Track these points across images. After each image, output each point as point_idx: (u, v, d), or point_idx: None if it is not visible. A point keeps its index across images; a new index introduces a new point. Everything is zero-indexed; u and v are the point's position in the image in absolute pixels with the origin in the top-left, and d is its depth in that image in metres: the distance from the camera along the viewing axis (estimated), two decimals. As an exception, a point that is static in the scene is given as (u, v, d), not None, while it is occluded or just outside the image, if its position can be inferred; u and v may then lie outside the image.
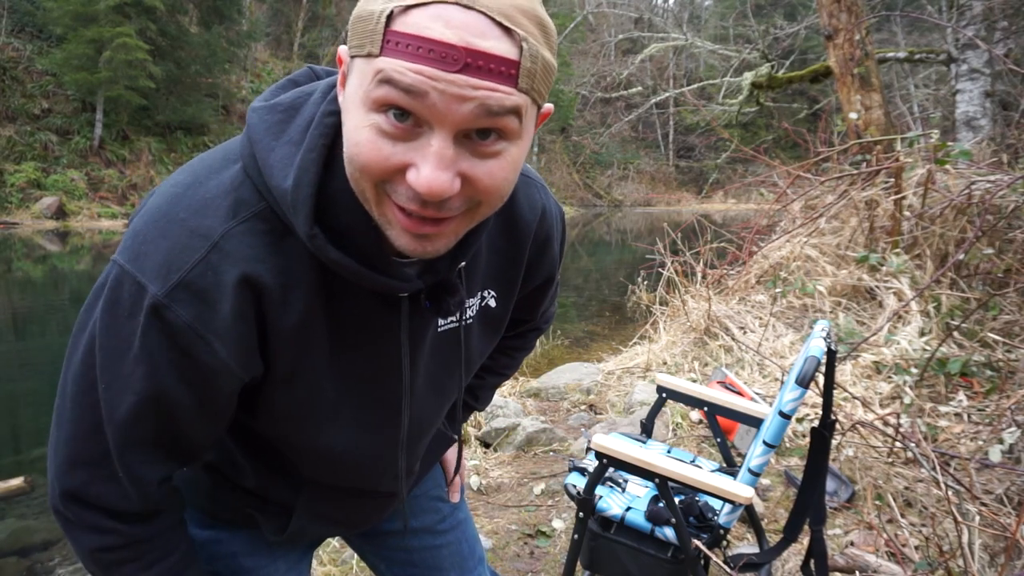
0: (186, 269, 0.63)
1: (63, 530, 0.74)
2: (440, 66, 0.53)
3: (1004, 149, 5.24)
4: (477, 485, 2.79)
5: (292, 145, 0.66)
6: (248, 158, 0.67)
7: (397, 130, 0.57)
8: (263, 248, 0.65)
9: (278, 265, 0.66)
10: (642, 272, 6.03)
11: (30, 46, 18.53)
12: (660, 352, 4.34)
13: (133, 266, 0.64)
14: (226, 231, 0.64)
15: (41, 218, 15.77)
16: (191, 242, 0.64)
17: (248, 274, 0.64)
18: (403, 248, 0.62)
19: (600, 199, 34.30)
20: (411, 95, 0.54)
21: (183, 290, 0.63)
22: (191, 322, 0.64)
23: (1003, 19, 6.27)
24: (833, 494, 2.50)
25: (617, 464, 1.56)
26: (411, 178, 0.57)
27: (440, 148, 0.56)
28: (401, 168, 0.58)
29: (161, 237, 0.64)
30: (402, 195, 0.59)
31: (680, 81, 33.53)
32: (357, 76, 0.58)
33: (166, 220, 0.65)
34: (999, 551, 1.94)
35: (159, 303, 0.63)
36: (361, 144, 0.58)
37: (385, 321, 0.74)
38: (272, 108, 0.69)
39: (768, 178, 6.20)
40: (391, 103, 0.55)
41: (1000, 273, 3.66)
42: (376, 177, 0.59)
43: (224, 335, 0.65)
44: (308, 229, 0.63)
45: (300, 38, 27.43)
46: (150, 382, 0.65)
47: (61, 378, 0.71)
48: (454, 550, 1.10)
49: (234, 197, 0.66)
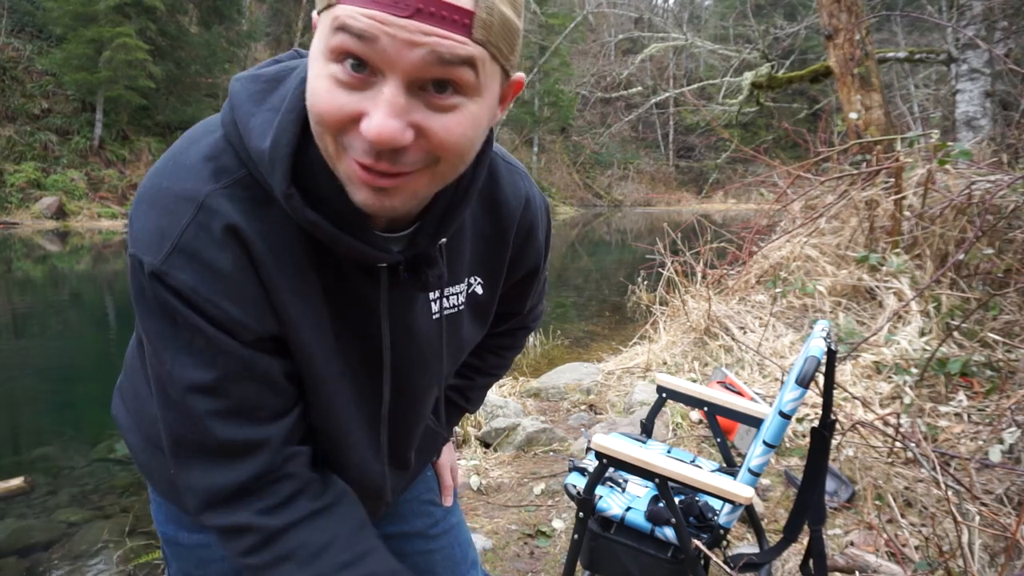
0: (177, 234, 0.63)
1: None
2: (391, 11, 0.54)
3: (1004, 149, 5.25)
4: (477, 485, 2.79)
5: (273, 111, 0.66)
6: (229, 125, 0.67)
7: (353, 79, 0.57)
8: (246, 213, 0.66)
9: (261, 230, 0.66)
10: (642, 272, 6.03)
11: (30, 46, 18.54)
12: (660, 352, 4.34)
13: (134, 247, 0.65)
14: (210, 191, 0.65)
15: (41, 218, 15.77)
16: (177, 207, 0.64)
17: (235, 224, 0.65)
18: (362, 203, 0.62)
19: (600, 199, 34.30)
20: (363, 40, 0.54)
21: (178, 255, 0.63)
22: (194, 285, 0.64)
23: (1003, 19, 6.27)
24: (833, 494, 2.50)
25: (617, 464, 1.56)
26: (363, 127, 0.57)
27: (391, 95, 0.56)
28: (355, 117, 0.58)
29: (149, 209, 0.65)
30: (358, 148, 0.59)
31: (680, 81, 33.53)
32: (320, 29, 0.59)
33: (151, 193, 0.66)
34: (999, 551, 1.94)
35: (157, 271, 0.63)
36: (318, 93, 0.58)
37: (365, 292, 0.74)
38: (255, 78, 0.70)
39: (768, 178, 6.20)
40: (346, 50, 0.56)
41: (1000, 273, 3.66)
42: (333, 128, 0.59)
43: (229, 291, 0.65)
44: (285, 188, 0.63)
45: (300, 38, 27.41)
46: (191, 342, 0.66)
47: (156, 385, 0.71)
48: (447, 555, 1.09)
49: (215, 164, 0.66)
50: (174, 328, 0.66)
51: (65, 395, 5.05)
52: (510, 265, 0.90)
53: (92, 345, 6.61)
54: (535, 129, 31.74)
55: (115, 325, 7.33)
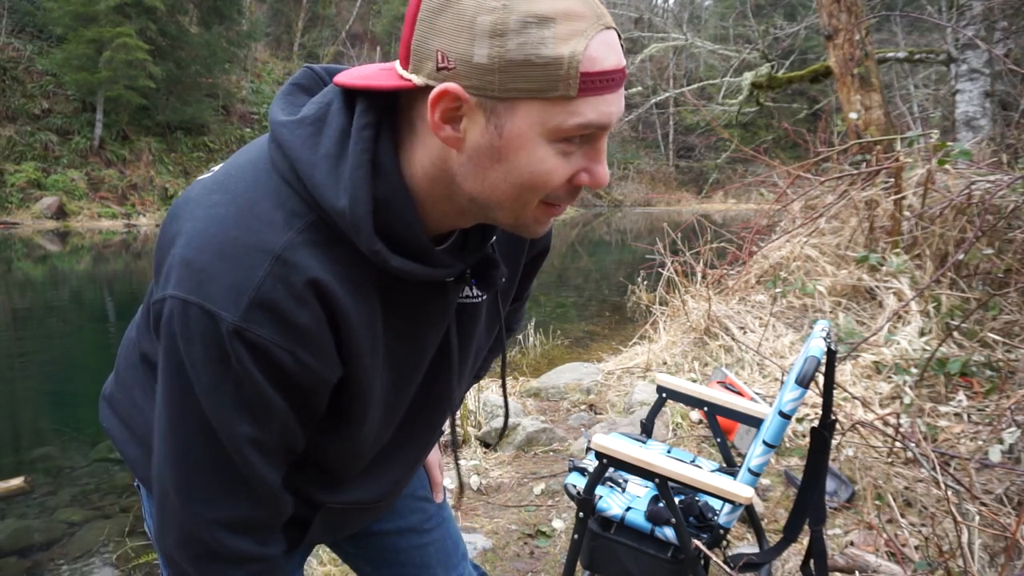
0: (255, 287, 0.62)
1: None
2: (614, 89, 0.62)
3: (1004, 149, 5.24)
4: (477, 485, 2.79)
5: (330, 159, 0.65)
6: (289, 172, 0.66)
7: (574, 147, 0.64)
8: (323, 257, 0.66)
9: (338, 272, 0.67)
10: (642, 272, 6.03)
11: (30, 46, 18.52)
12: (660, 352, 4.34)
13: (198, 296, 0.63)
14: (287, 242, 0.64)
15: (41, 218, 15.76)
16: (253, 259, 0.63)
17: (316, 279, 0.65)
18: (534, 233, 0.71)
19: (600, 199, 34.27)
20: (602, 128, 0.63)
21: (257, 309, 0.63)
22: (274, 339, 0.64)
23: (1003, 19, 6.26)
24: (833, 494, 2.50)
25: (617, 464, 1.56)
26: (586, 180, 0.66)
27: (603, 148, 0.65)
28: (571, 177, 0.66)
29: (220, 260, 0.63)
30: (563, 196, 0.67)
31: (680, 81, 33.52)
32: (536, 115, 0.61)
33: (220, 242, 0.64)
34: (999, 551, 1.94)
35: (237, 327, 0.62)
36: (551, 173, 0.64)
37: (436, 308, 0.78)
38: (300, 123, 0.68)
39: (768, 178, 6.20)
40: (584, 135, 0.63)
41: (1000, 273, 3.66)
42: (555, 191, 0.66)
43: (307, 343, 0.66)
44: (372, 246, 0.65)
45: (300, 38, 27.45)
46: (252, 400, 0.67)
47: (159, 438, 0.70)
48: (439, 547, 1.12)
49: (285, 210, 0.66)
50: (236, 377, 0.65)
51: (65, 395, 5.05)
52: (527, 253, 0.95)
53: (92, 345, 6.61)
54: (535, 129, 31.65)
55: (115, 325, 7.33)
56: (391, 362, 0.76)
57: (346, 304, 0.67)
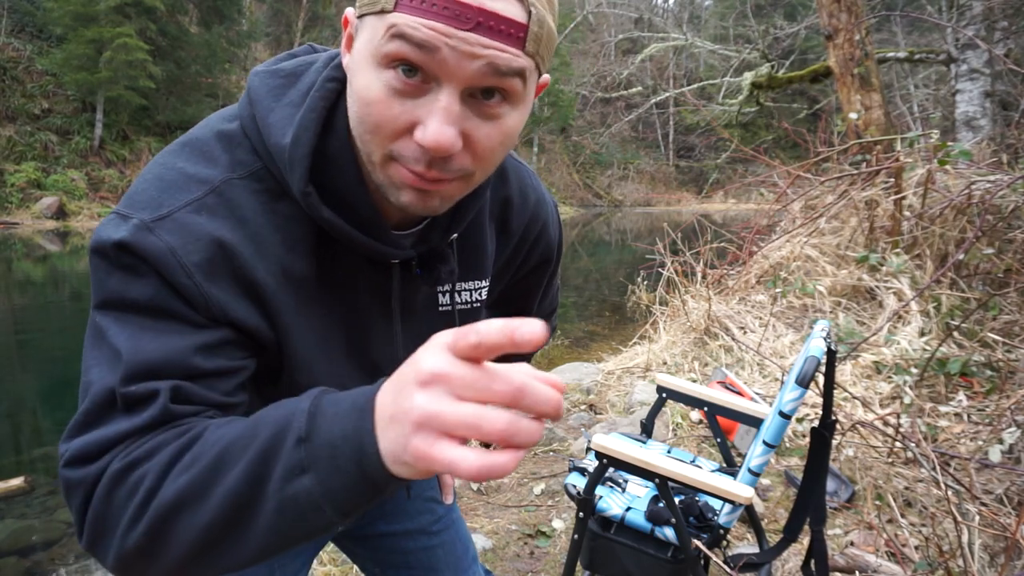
0: (178, 205, 0.62)
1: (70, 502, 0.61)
2: (453, 23, 0.54)
3: (1004, 149, 5.24)
4: (477, 485, 2.79)
5: (292, 107, 0.66)
6: (247, 118, 0.67)
7: (407, 87, 0.57)
8: (258, 206, 0.65)
9: (271, 223, 0.66)
10: (642, 272, 6.03)
11: (30, 46, 18.53)
12: (660, 352, 4.34)
13: (124, 207, 0.62)
14: (227, 179, 0.64)
15: (41, 218, 15.77)
16: (188, 184, 0.63)
17: (244, 216, 0.64)
18: (406, 204, 0.62)
19: (600, 199, 34.30)
20: (423, 50, 0.55)
21: (171, 221, 0.61)
22: (174, 248, 0.60)
23: (1003, 19, 6.27)
24: (833, 494, 2.50)
25: (617, 464, 1.56)
26: (418, 135, 0.57)
27: (448, 103, 0.56)
28: (409, 127, 0.58)
29: (156, 181, 0.63)
30: (409, 157, 0.59)
31: (680, 81, 33.53)
32: (368, 33, 0.58)
33: (161, 169, 0.65)
34: (999, 551, 1.94)
35: (142, 223, 0.60)
36: (372, 103, 0.58)
37: (377, 287, 0.75)
38: (274, 73, 0.69)
39: (768, 178, 6.20)
40: (402, 58, 0.56)
41: (1000, 273, 3.66)
42: (389, 137, 0.59)
43: (205, 270, 0.61)
44: (303, 187, 0.63)
45: (300, 38, 27.41)
46: (141, 314, 0.60)
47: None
48: (448, 550, 1.11)
49: (231, 155, 0.66)
50: (129, 283, 0.60)
51: (65, 395, 5.05)
52: (520, 263, 0.93)
53: (92, 345, 6.60)
54: (535, 129, 31.73)
55: (115, 325, 7.31)
56: (331, 334, 0.73)
57: (276, 254, 0.65)
